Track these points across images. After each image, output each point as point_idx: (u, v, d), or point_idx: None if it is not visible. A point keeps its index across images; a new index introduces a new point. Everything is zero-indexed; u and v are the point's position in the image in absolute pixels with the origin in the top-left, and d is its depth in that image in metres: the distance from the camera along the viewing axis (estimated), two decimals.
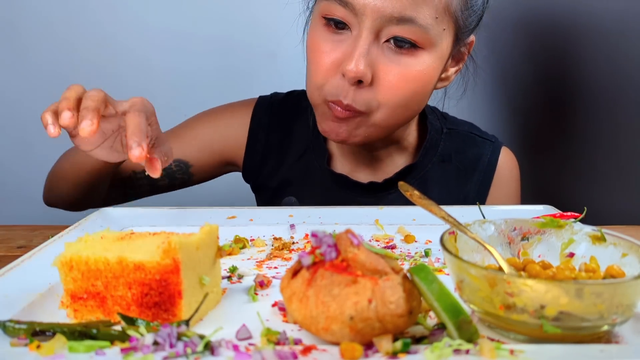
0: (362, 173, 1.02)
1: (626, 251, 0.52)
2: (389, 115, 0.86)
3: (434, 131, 1.02)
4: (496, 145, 1.06)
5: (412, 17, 0.79)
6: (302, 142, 1.04)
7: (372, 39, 0.81)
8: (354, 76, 0.80)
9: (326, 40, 0.84)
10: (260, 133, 1.06)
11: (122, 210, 0.81)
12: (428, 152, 1.01)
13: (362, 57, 0.80)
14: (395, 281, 0.44)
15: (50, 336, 0.44)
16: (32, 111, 1.46)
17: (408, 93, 0.84)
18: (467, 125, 1.09)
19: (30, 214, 1.47)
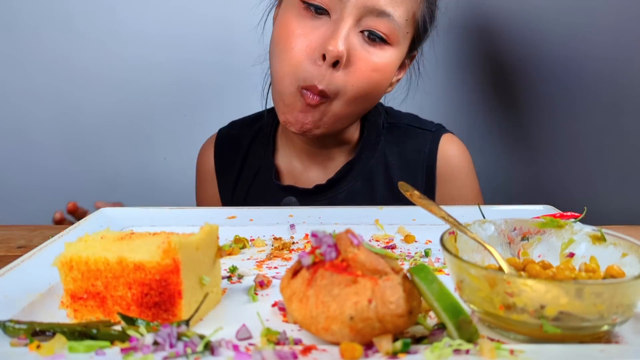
0: (313, 172, 1.05)
1: (626, 251, 0.52)
2: (348, 103, 0.89)
3: (373, 127, 1.04)
4: (436, 134, 1.06)
5: (390, 13, 0.86)
6: (257, 161, 1.08)
7: (351, 25, 0.85)
8: (336, 55, 0.83)
9: (304, 24, 0.87)
10: (224, 169, 1.11)
11: (122, 210, 0.81)
12: (367, 148, 1.03)
13: (343, 39, 0.84)
14: (395, 281, 0.44)
15: (50, 336, 0.44)
16: (32, 111, 1.47)
17: (372, 82, 0.89)
18: (407, 118, 1.10)
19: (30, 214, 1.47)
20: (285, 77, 0.88)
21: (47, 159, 1.49)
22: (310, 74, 0.85)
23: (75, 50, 1.44)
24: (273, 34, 0.93)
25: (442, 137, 1.06)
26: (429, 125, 1.08)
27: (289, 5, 0.90)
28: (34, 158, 1.49)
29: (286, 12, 0.90)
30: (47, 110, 1.46)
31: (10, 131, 1.47)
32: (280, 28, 0.90)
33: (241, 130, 1.12)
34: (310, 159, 1.05)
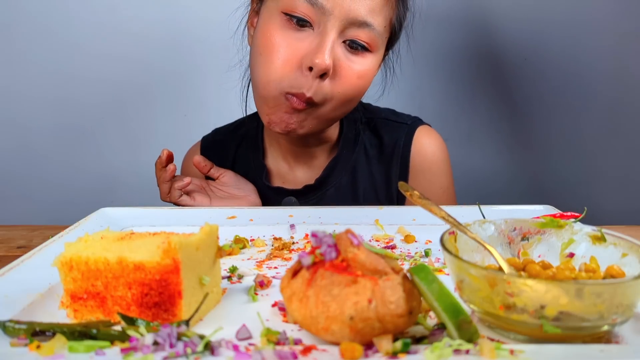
0: (300, 171, 1.07)
1: (626, 251, 0.52)
2: (334, 108, 0.91)
3: (351, 123, 1.06)
4: (411, 127, 1.07)
5: (371, 22, 0.88)
6: (245, 164, 1.09)
7: (336, 37, 0.87)
8: (322, 68, 0.85)
9: (286, 36, 0.88)
10: None
11: (122, 210, 0.81)
12: (348, 144, 1.05)
13: (329, 52, 0.85)
14: (395, 281, 0.44)
15: (50, 336, 0.44)
16: (32, 111, 1.47)
17: (356, 89, 0.92)
18: (384, 112, 1.12)
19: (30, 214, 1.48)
20: (269, 83, 0.89)
21: (47, 159, 1.49)
22: (297, 83, 0.87)
23: (75, 50, 1.44)
24: (255, 42, 0.93)
25: (418, 129, 1.07)
26: (405, 119, 1.10)
27: (270, 15, 0.91)
28: (34, 158, 1.49)
29: (268, 22, 0.90)
30: (46, 111, 1.46)
31: (10, 131, 1.47)
32: (263, 39, 0.90)
33: (226, 136, 1.14)
34: (295, 159, 1.07)
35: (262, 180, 1.05)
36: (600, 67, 1.43)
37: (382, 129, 1.08)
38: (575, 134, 1.47)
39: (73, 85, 1.45)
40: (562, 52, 1.43)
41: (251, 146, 1.10)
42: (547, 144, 1.49)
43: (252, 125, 1.12)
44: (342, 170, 1.04)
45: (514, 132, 1.49)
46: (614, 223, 0.86)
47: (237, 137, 1.14)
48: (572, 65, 1.43)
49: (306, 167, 1.07)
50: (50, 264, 0.50)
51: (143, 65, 1.45)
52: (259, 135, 1.11)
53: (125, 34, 1.44)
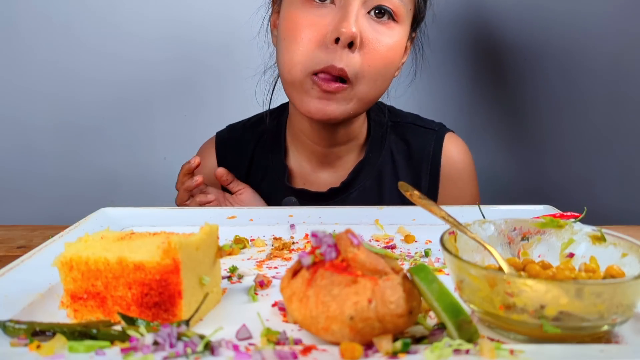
0: (324, 172, 1.05)
1: (626, 251, 0.52)
2: (370, 87, 0.90)
3: (378, 125, 1.05)
4: (439, 133, 1.07)
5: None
6: (263, 163, 1.07)
7: (359, 7, 0.86)
8: (350, 35, 0.83)
9: (310, 14, 0.87)
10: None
11: (122, 210, 0.81)
12: (375, 147, 1.04)
13: (355, 21, 0.84)
14: (395, 281, 0.44)
15: (50, 336, 0.44)
16: (32, 111, 1.47)
17: (387, 62, 0.90)
18: (410, 117, 1.11)
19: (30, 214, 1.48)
20: (295, 65, 0.88)
21: (47, 159, 1.49)
22: (324, 58, 0.85)
23: (75, 50, 1.44)
24: (279, 34, 0.92)
25: (446, 137, 1.06)
26: (432, 124, 1.09)
27: (291, 2, 0.90)
28: (34, 158, 1.49)
29: (289, 6, 0.90)
30: (46, 110, 1.46)
31: (10, 131, 1.47)
32: (285, 23, 0.90)
33: (243, 134, 1.11)
34: (319, 160, 1.04)
35: (284, 182, 1.02)
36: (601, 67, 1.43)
37: (409, 133, 1.07)
38: (575, 134, 1.47)
39: (73, 85, 1.45)
40: (562, 52, 1.42)
41: (271, 145, 1.07)
42: (547, 144, 1.48)
43: (273, 123, 1.09)
44: (368, 173, 1.02)
45: (513, 132, 1.49)
46: (614, 223, 0.86)
47: (255, 134, 1.11)
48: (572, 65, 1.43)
49: (331, 168, 1.05)
50: (50, 264, 0.50)
51: (143, 65, 1.45)
52: (281, 133, 1.08)
53: (125, 33, 1.44)
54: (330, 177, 1.04)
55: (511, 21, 1.42)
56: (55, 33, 1.43)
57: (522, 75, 1.46)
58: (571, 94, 1.45)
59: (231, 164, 1.09)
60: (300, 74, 0.88)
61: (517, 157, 1.49)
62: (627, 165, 1.47)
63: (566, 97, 1.45)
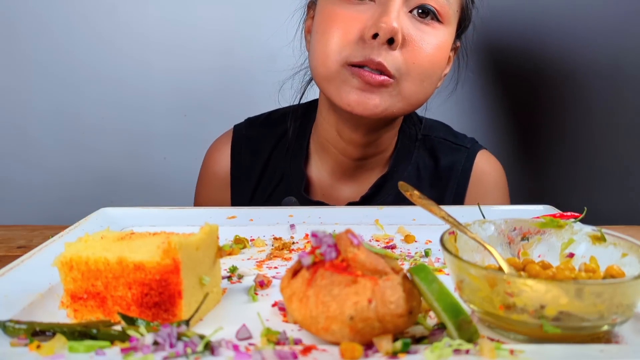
0: (345, 186, 0.99)
1: (626, 251, 0.52)
2: (417, 86, 0.83)
3: (407, 139, 0.99)
4: (471, 151, 1.02)
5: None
6: (280, 167, 1.00)
7: (401, 4, 0.80)
8: (390, 31, 0.77)
9: (346, 9, 0.82)
10: (241, 175, 1.03)
11: (122, 210, 0.81)
12: (401, 161, 0.98)
13: (396, 17, 0.79)
14: (395, 281, 0.44)
15: (50, 336, 0.44)
16: (32, 111, 1.47)
17: (434, 62, 0.84)
18: (442, 131, 1.05)
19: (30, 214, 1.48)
20: (329, 55, 0.82)
21: (47, 159, 1.49)
22: (361, 52, 0.79)
23: (76, 51, 1.44)
24: (312, 33, 0.87)
25: (478, 155, 1.02)
26: (464, 141, 1.03)
27: (327, 1, 0.85)
28: (34, 158, 1.49)
29: (325, 6, 0.84)
30: (47, 110, 1.46)
31: (10, 131, 1.47)
32: (321, 18, 0.84)
33: (262, 132, 1.04)
34: (342, 171, 0.98)
35: (301, 192, 0.96)
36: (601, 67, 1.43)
37: (439, 150, 1.01)
38: (575, 134, 1.47)
39: (73, 85, 1.45)
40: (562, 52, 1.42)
41: (292, 150, 1.00)
42: (547, 144, 1.49)
43: (296, 124, 1.01)
44: (390, 189, 0.96)
45: (513, 132, 1.49)
46: (614, 223, 0.86)
47: (274, 134, 1.03)
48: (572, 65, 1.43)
49: (353, 181, 0.98)
50: (50, 264, 0.50)
51: (143, 65, 1.45)
52: (305, 138, 1.00)
53: (125, 33, 1.44)
54: (351, 190, 0.98)
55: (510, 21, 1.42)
56: (55, 33, 1.43)
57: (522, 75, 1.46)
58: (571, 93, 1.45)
59: (245, 163, 1.03)
60: (335, 64, 0.82)
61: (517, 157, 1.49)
62: (627, 165, 1.47)
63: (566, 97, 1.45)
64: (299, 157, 0.99)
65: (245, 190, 1.03)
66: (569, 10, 1.41)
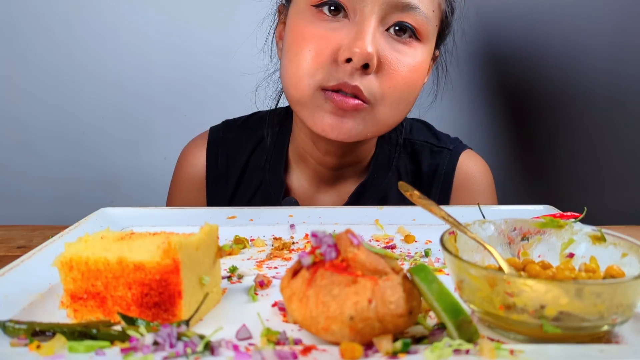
0: (325, 195, 0.97)
1: (626, 251, 0.52)
2: (392, 110, 0.81)
3: (387, 144, 0.96)
4: (454, 152, 0.99)
5: (416, 5, 0.78)
6: (258, 174, 0.98)
7: (376, 25, 0.77)
8: (364, 57, 0.74)
9: (318, 26, 0.78)
10: (219, 180, 1.00)
11: (122, 210, 0.81)
12: (380, 168, 0.96)
13: (371, 41, 0.75)
14: (395, 281, 0.44)
15: (50, 336, 0.44)
16: (32, 111, 1.47)
17: (411, 84, 0.81)
18: (423, 134, 1.02)
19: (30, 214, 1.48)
20: (300, 79, 0.79)
21: (47, 159, 1.49)
22: (335, 75, 0.77)
23: (76, 51, 1.44)
24: (284, 46, 0.84)
25: (462, 155, 0.99)
26: (447, 142, 1.01)
27: (299, 12, 0.82)
28: (34, 158, 1.49)
29: (296, 17, 0.81)
30: (47, 110, 1.46)
31: (10, 131, 1.47)
32: (292, 34, 0.81)
33: (239, 135, 1.02)
34: (322, 180, 0.96)
35: (280, 201, 0.94)
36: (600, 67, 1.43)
37: (421, 154, 0.98)
38: (575, 134, 1.47)
39: (73, 85, 1.45)
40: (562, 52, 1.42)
41: (270, 157, 0.97)
42: (547, 144, 1.49)
43: (275, 130, 0.98)
44: (371, 196, 0.94)
45: (513, 132, 1.49)
46: (614, 223, 0.86)
47: (252, 139, 1.00)
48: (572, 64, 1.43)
49: (333, 190, 0.97)
50: (50, 264, 0.50)
51: (143, 65, 1.45)
52: (284, 145, 0.97)
53: (125, 33, 1.44)
54: (332, 199, 0.96)
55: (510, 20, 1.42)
56: (55, 33, 1.43)
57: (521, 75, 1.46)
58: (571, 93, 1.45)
59: (221, 168, 1.00)
60: (307, 88, 0.79)
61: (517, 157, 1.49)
62: (627, 165, 1.47)
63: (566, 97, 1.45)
64: (279, 166, 0.96)
65: (222, 195, 1.00)
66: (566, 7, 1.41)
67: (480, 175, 1.00)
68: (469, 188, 0.98)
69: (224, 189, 1.00)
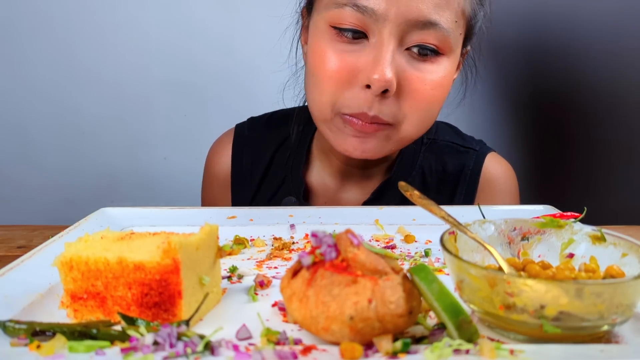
0: (349, 192, 0.98)
1: (626, 251, 0.52)
2: (416, 127, 0.81)
3: (413, 143, 0.95)
4: (480, 153, 0.99)
5: (436, 20, 0.75)
6: (280, 173, 0.99)
7: (395, 46, 0.76)
8: (382, 85, 0.74)
9: (337, 50, 0.78)
10: (244, 178, 1.01)
11: (122, 210, 0.81)
12: (405, 167, 0.96)
13: (389, 65, 0.74)
14: (395, 281, 0.44)
15: (50, 336, 0.44)
16: (31, 111, 1.47)
17: (433, 101, 0.81)
18: (449, 134, 1.03)
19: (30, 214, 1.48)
20: (324, 105, 0.80)
21: (47, 159, 1.49)
22: (355, 101, 0.77)
23: (76, 51, 1.44)
24: (307, 61, 0.84)
25: (487, 157, 0.99)
26: (472, 143, 1.01)
27: (318, 31, 0.81)
28: (34, 158, 1.49)
29: (317, 39, 0.81)
30: (47, 110, 1.46)
31: (10, 131, 1.47)
32: (313, 57, 0.81)
33: (264, 133, 1.02)
34: (346, 178, 0.97)
35: (300, 199, 0.94)
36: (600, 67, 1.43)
37: (447, 154, 0.98)
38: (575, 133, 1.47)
39: (73, 85, 1.45)
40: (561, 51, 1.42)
41: (293, 154, 0.98)
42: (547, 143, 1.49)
43: (299, 129, 0.98)
44: (393, 194, 0.93)
45: (513, 132, 1.49)
46: (614, 223, 0.86)
47: (277, 135, 1.01)
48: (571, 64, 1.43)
49: (357, 187, 0.97)
50: (50, 264, 0.50)
51: (143, 65, 1.45)
52: (306, 144, 0.98)
53: (126, 34, 1.44)
54: (355, 197, 0.97)
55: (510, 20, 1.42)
56: (55, 33, 1.43)
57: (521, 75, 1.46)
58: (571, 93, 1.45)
59: (246, 166, 1.01)
60: (329, 113, 0.80)
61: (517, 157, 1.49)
62: (627, 166, 1.47)
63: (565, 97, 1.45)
64: (299, 163, 0.97)
65: (246, 193, 1.01)
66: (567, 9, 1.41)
67: (506, 177, 1.00)
68: (494, 190, 0.98)
69: (248, 187, 1.01)
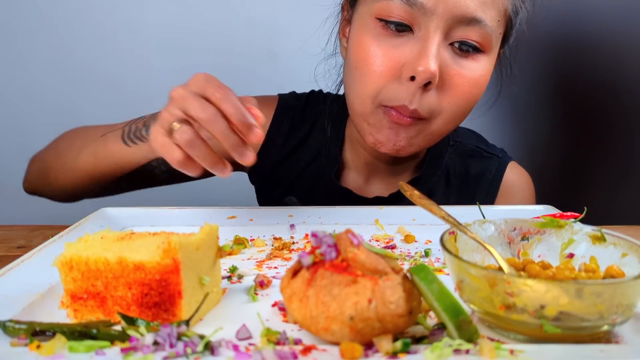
0: (374, 186, 0.99)
1: (626, 251, 0.52)
2: (448, 123, 0.82)
3: (440, 144, 0.97)
4: (503, 161, 1.01)
5: (482, 18, 0.76)
6: (315, 148, 1.00)
7: (441, 40, 0.76)
8: (427, 77, 0.75)
9: (383, 43, 0.78)
10: (277, 139, 1.01)
11: (122, 210, 0.81)
12: (432, 165, 0.98)
13: (434, 58, 0.75)
14: (395, 281, 0.44)
15: (50, 336, 0.44)
16: (31, 111, 1.47)
17: (470, 99, 0.82)
18: (474, 139, 1.05)
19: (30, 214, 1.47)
20: (366, 98, 0.80)
21: None
22: (397, 95, 0.78)
23: (76, 51, 1.44)
24: (348, 55, 0.84)
25: (508, 166, 1.01)
26: (496, 151, 1.03)
27: (363, 23, 0.81)
28: None
29: (361, 31, 0.81)
30: (47, 110, 1.46)
31: (10, 131, 1.47)
32: (357, 50, 0.81)
33: (305, 108, 1.02)
34: (373, 174, 0.98)
35: (332, 176, 0.95)
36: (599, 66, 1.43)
37: (471, 158, 1.01)
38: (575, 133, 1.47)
39: (73, 86, 1.45)
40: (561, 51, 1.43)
41: (331, 133, 0.98)
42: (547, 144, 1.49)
43: (333, 110, 0.98)
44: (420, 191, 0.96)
45: (513, 132, 1.49)
46: (614, 223, 0.86)
47: (313, 113, 1.01)
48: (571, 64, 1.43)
49: (383, 184, 0.98)
50: (50, 264, 0.50)
51: (144, 65, 1.45)
52: (342, 129, 0.98)
53: (126, 34, 1.44)
54: (381, 188, 0.98)
55: None
56: (55, 33, 1.43)
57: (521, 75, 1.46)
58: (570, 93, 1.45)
59: (284, 133, 1.01)
60: (371, 106, 0.81)
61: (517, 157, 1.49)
62: (627, 166, 1.47)
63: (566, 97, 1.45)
64: (337, 142, 0.98)
65: (274, 152, 1.01)
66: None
67: (525, 187, 1.02)
68: (513, 197, 1.00)
69: (279, 149, 1.00)
